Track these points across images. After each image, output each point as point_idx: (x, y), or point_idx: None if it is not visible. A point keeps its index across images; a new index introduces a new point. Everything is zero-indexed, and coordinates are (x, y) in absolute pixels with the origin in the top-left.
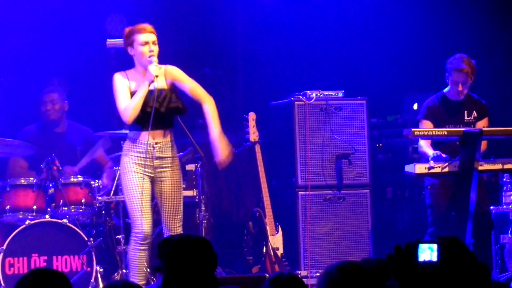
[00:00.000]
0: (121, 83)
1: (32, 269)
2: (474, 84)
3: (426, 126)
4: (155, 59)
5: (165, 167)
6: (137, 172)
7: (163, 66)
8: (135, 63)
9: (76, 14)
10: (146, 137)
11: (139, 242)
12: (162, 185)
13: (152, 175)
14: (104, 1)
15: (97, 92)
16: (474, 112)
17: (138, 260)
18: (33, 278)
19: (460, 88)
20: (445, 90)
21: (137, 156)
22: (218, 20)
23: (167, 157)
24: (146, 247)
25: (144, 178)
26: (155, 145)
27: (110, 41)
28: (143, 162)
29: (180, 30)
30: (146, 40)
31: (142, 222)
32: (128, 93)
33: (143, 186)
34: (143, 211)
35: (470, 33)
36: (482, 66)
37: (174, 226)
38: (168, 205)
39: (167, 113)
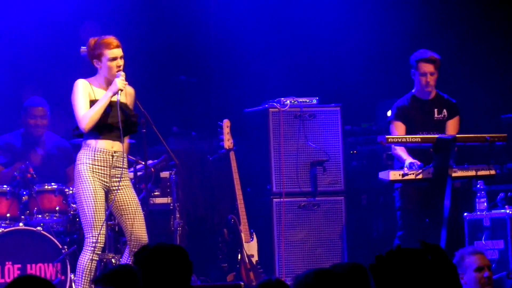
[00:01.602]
0: (83, 90)
1: (17, 276)
2: (448, 90)
3: (398, 127)
4: (122, 73)
5: (119, 177)
6: (93, 181)
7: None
8: (98, 72)
9: (51, 21)
10: (105, 145)
11: (94, 252)
12: (123, 195)
13: (107, 184)
14: (78, 8)
15: (69, 99)
16: (445, 110)
17: (87, 270)
18: (19, 286)
19: (428, 78)
20: (413, 90)
21: (94, 165)
22: (193, 27)
23: (122, 168)
24: (97, 257)
25: (99, 187)
26: (114, 154)
27: (84, 49)
28: (100, 171)
29: (155, 37)
30: (115, 55)
31: (98, 231)
32: (88, 101)
33: (99, 194)
34: (98, 220)
35: (443, 41)
36: (455, 72)
37: (142, 235)
38: (135, 214)
39: (127, 125)
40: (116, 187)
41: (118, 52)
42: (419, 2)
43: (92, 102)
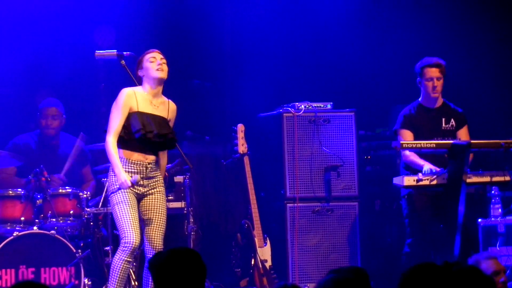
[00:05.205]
0: (125, 103)
1: (17, 282)
2: (462, 96)
3: (406, 135)
4: (139, 178)
5: (154, 186)
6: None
7: (167, 102)
8: (143, 83)
9: (65, 25)
10: (139, 158)
11: (128, 253)
12: (149, 202)
13: (140, 193)
14: (93, 12)
15: (85, 102)
16: (452, 120)
17: (121, 271)
18: None
19: (435, 83)
20: (419, 99)
21: (130, 176)
22: (207, 31)
23: (156, 176)
24: (132, 259)
25: (131, 193)
26: (148, 165)
27: (98, 53)
28: None
29: (168, 40)
30: (154, 56)
31: (133, 234)
32: (122, 120)
33: (132, 200)
34: (133, 223)
35: (456, 45)
36: (470, 79)
37: (157, 243)
38: (154, 222)
39: (163, 139)
40: (150, 196)
41: (157, 54)
42: (433, 8)
43: (134, 115)
